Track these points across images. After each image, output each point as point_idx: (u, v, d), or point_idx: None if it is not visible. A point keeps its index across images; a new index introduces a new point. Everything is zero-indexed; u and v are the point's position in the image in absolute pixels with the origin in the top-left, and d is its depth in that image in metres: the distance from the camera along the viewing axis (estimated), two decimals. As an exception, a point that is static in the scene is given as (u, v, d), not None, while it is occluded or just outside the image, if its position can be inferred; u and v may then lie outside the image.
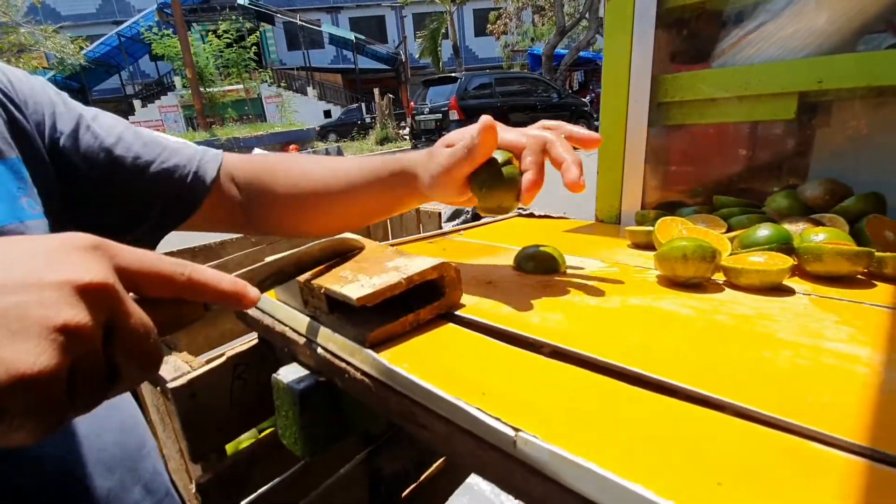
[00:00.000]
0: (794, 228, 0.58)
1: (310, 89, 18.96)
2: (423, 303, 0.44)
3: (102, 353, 0.23)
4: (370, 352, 0.38)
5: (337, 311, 0.43)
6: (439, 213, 1.22)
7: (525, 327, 0.41)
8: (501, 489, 0.28)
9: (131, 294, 0.25)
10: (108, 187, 0.51)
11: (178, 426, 0.54)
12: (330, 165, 0.62)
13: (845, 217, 0.60)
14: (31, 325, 0.20)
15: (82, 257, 0.23)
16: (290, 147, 10.19)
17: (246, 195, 0.62)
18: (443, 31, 16.51)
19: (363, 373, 0.38)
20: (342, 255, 0.47)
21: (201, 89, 11.00)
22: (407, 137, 11.01)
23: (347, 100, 19.93)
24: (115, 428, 0.48)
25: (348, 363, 0.39)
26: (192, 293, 0.28)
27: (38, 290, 0.21)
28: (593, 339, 0.38)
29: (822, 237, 0.53)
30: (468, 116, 8.71)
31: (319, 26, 19.77)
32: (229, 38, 11.62)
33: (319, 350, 0.43)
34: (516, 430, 0.27)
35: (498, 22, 16.00)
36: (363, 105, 17.66)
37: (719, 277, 0.53)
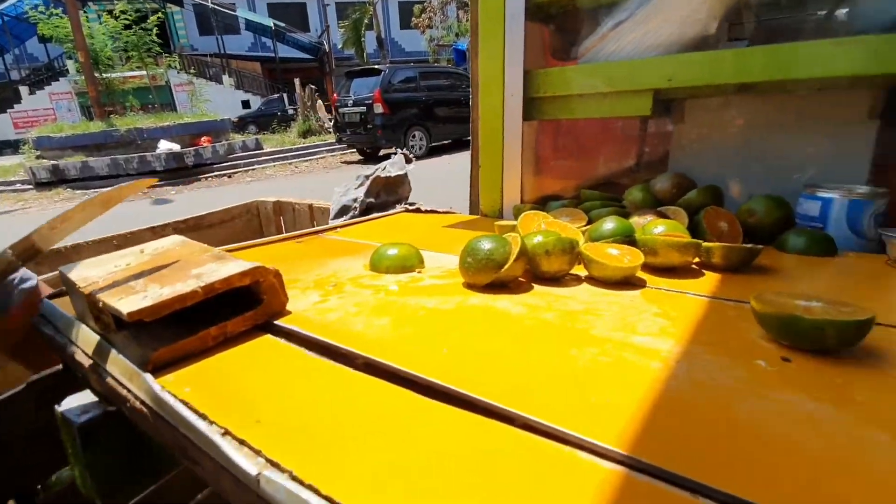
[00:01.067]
0: (642, 220, 0.60)
1: (225, 77, 17.74)
2: (236, 312, 0.39)
3: None
4: (147, 376, 0.32)
5: (127, 328, 0.37)
6: (329, 209, 1.16)
7: (344, 337, 0.37)
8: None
9: None
10: None
11: (-42, 471, 0.45)
12: None
13: (688, 209, 0.63)
14: None
15: None
16: (203, 139, 9.49)
17: None
18: (366, 21, 16.14)
19: (141, 401, 0.33)
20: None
21: (97, 75, 9.89)
22: (331, 130, 10.65)
23: (268, 90, 18.90)
24: None
25: (128, 390, 0.34)
26: None
27: None
28: (409, 347, 0.35)
29: (661, 229, 0.54)
30: (393, 110, 8.59)
31: (234, 10, 18.54)
32: (128, 19, 10.53)
33: (105, 374, 0.37)
34: (261, 467, 0.23)
35: (423, 15, 15.91)
36: (285, 96, 16.85)
37: (580, 270, 0.53)
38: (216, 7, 17.76)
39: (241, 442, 0.25)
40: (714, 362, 0.32)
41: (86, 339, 0.40)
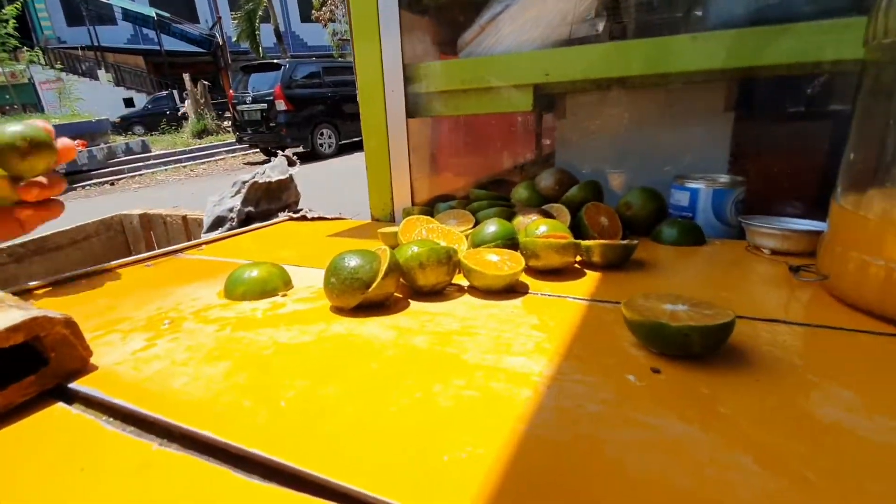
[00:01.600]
0: (526, 220, 0.58)
1: (102, 73, 15.82)
2: (11, 379, 0.30)
3: None
4: None
5: None
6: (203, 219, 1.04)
7: (164, 394, 0.30)
8: None
9: None
10: None
11: None
12: None
13: (570, 205, 0.62)
14: None
15: None
16: (78, 143, 8.37)
17: None
18: (260, 13, 15.21)
19: None
20: None
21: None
22: (230, 129, 9.92)
23: (154, 86, 17.17)
24: None
25: None
26: None
27: None
28: (245, 401, 0.29)
29: (543, 230, 0.52)
30: (298, 107, 8.19)
31: (106, -2, 16.54)
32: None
33: None
34: None
35: (323, 8, 15.33)
36: (174, 92, 15.40)
37: (462, 279, 0.49)
38: (83, -7, 15.77)
39: None
40: (584, 383, 0.29)
41: None
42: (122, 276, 0.57)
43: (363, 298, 0.41)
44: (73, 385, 0.32)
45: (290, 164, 0.98)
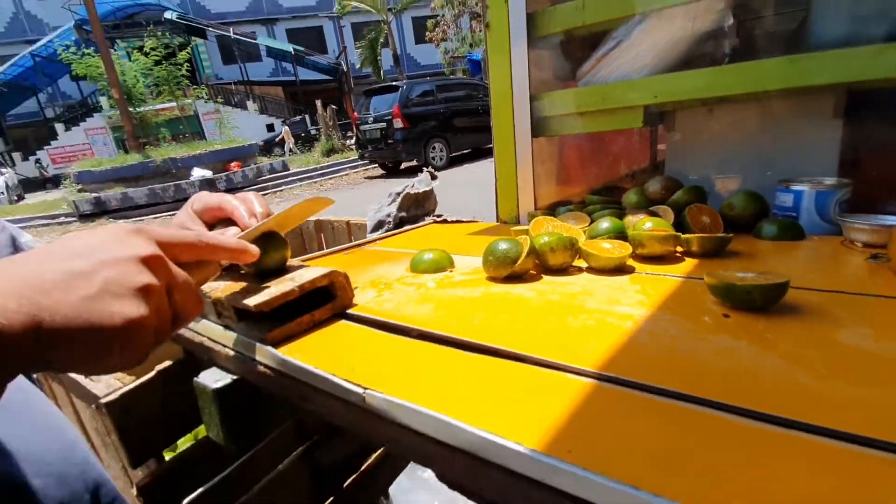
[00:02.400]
0: (635, 219, 0.72)
1: (250, 103, 18.48)
2: (318, 305, 0.53)
3: (168, 303, 0.33)
4: (269, 348, 0.46)
5: (245, 319, 0.51)
6: (366, 225, 1.31)
7: (400, 318, 0.51)
8: (361, 436, 0.38)
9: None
10: None
11: (116, 437, 0.61)
12: None
13: (675, 208, 0.74)
14: (125, 289, 0.30)
15: (135, 239, 0.32)
16: (232, 164, 9.93)
17: None
18: (381, 40, 16.58)
19: (265, 366, 0.47)
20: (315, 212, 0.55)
21: (131, 109, 10.48)
22: (353, 147, 10.96)
23: (290, 112, 19.56)
24: (57, 448, 0.53)
25: (254, 360, 0.48)
26: (210, 254, 0.38)
27: (118, 265, 0.30)
28: (449, 321, 0.48)
29: (649, 226, 0.66)
30: (413, 124, 8.81)
31: (255, 39, 19.31)
32: (158, 56, 11.16)
33: (231, 352, 0.51)
34: (364, 388, 0.37)
35: (436, 29, 16.23)
36: (307, 117, 17.40)
37: (582, 262, 0.65)
38: (238, 37, 18.51)
39: (345, 380, 0.38)
40: (672, 321, 0.44)
41: (211, 330, 0.55)
42: (334, 260, 0.83)
43: (510, 271, 0.59)
44: (350, 311, 0.54)
45: (433, 178, 1.21)
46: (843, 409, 0.29)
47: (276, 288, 0.50)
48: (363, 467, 1.00)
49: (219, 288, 0.53)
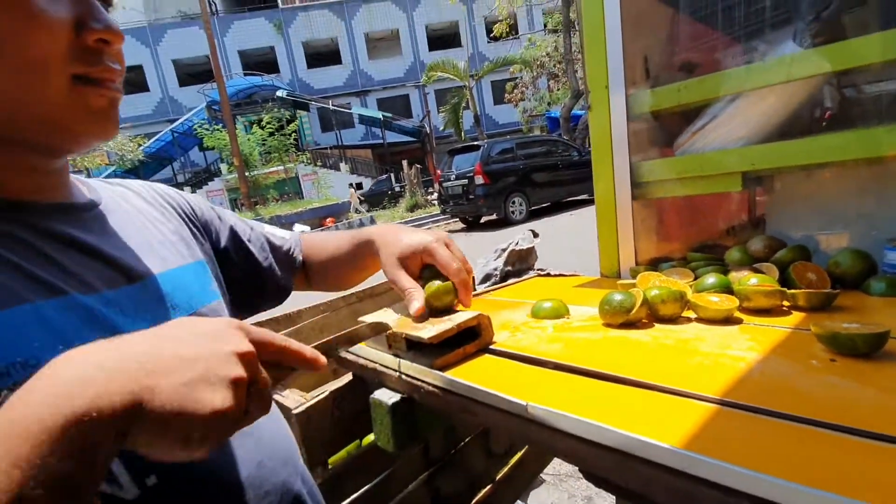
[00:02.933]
0: (738, 275, 0.79)
1: (342, 165, 20.33)
2: (468, 341, 0.66)
3: (245, 396, 0.34)
4: (438, 372, 0.60)
5: (412, 350, 0.66)
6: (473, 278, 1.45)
7: (536, 353, 0.62)
8: (520, 442, 0.49)
9: None
10: (246, 277, 0.76)
11: (299, 441, 0.77)
12: (333, 240, 0.85)
13: (779, 265, 0.79)
14: (219, 379, 0.32)
15: (235, 335, 0.35)
16: (327, 220, 10.88)
17: (307, 266, 0.86)
18: (463, 104, 17.68)
19: (434, 386, 0.60)
20: (378, 333, 0.68)
21: (247, 174, 12.01)
22: (435, 203, 11.53)
23: (377, 172, 21.16)
24: (283, 434, 0.68)
25: (423, 381, 0.62)
26: (287, 358, 0.40)
27: (218, 357, 0.33)
28: (580, 357, 0.59)
29: (755, 281, 0.73)
30: (493, 180, 9.16)
31: (350, 109, 21.50)
32: (271, 128, 12.84)
33: (402, 376, 0.65)
34: (526, 402, 0.48)
35: (515, 91, 17.05)
36: (392, 175, 18.70)
37: (690, 314, 0.73)
38: (336, 108, 20.65)
39: (510, 396, 0.50)
40: (782, 363, 0.51)
41: (383, 358, 0.70)
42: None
43: (625, 319, 0.69)
44: (492, 347, 0.67)
45: (535, 236, 1.34)
46: (940, 433, 0.36)
47: (438, 326, 0.64)
48: (476, 499, 1.08)
49: (389, 321, 0.69)
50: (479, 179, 9.19)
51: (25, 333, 0.38)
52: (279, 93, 19.76)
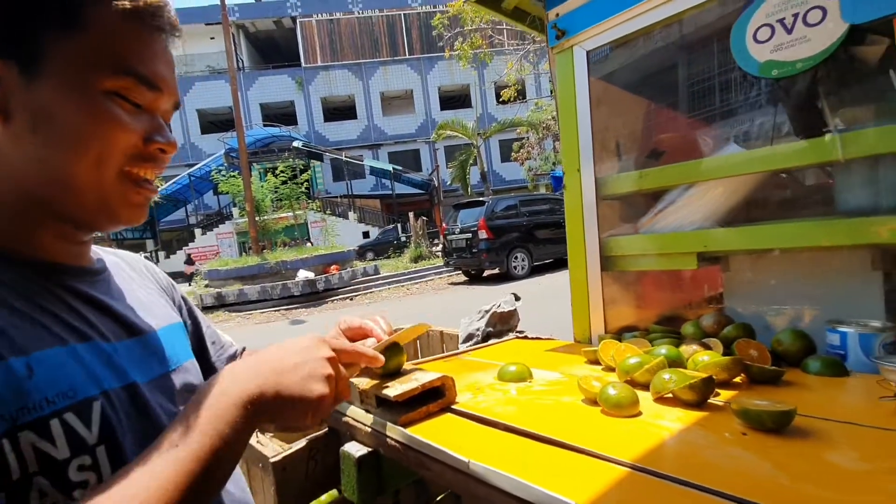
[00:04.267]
0: (690, 349, 0.85)
1: (351, 213, 20.80)
2: (433, 400, 0.73)
3: (335, 386, 0.51)
4: (401, 428, 0.66)
5: (381, 406, 0.73)
6: (457, 336, 1.52)
7: (492, 414, 0.69)
8: (465, 497, 0.55)
9: None
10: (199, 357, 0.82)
11: (273, 491, 0.82)
12: None
13: (725, 341, 0.87)
14: (320, 375, 0.49)
15: (322, 345, 0.52)
16: (332, 267, 11.00)
17: None
18: (471, 161, 18.32)
19: (396, 441, 0.67)
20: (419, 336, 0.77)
21: (257, 219, 12.31)
22: (439, 255, 11.69)
23: (384, 222, 21.59)
24: (241, 491, 0.74)
25: (387, 436, 0.68)
26: (358, 358, 0.59)
27: (317, 361, 0.50)
28: (529, 421, 0.66)
29: (706, 358, 0.80)
30: (496, 235, 9.35)
31: (362, 161, 22.29)
32: (285, 176, 13.31)
33: (371, 431, 0.71)
34: (468, 459, 0.55)
35: (521, 150, 17.70)
36: (398, 226, 19.06)
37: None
38: (348, 160, 21.40)
39: (455, 452, 0.57)
40: (700, 434, 0.58)
41: (355, 413, 0.76)
42: (439, 365, 1.03)
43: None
44: (454, 407, 0.73)
45: (517, 299, 1.42)
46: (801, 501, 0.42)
47: (405, 385, 0.71)
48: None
49: (362, 383, 0.76)
50: (483, 234, 9.38)
51: (67, 369, 0.47)
52: (295, 143, 20.59)
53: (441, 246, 10.99)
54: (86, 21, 0.46)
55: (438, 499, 1.08)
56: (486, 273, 10.26)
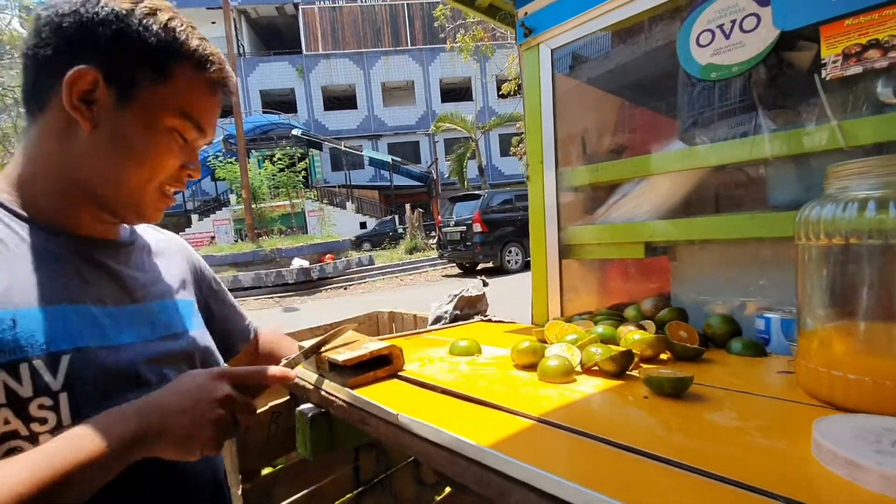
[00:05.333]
0: (626, 329, 0.92)
1: (349, 204, 20.81)
2: (379, 367, 0.80)
3: (232, 419, 0.57)
4: (349, 390, 0.73)
5: (334, 370, 0.79)
6: (426, 318, 1.59)
7: (433, 380, 0.76)
8: (392, 446, 0.62)
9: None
10: (213, 327, 0.89)
11: (234, 450, 0.88)
12: (280, 344, 0.97)
13: (660, 323, 0.93)
14: (207, 420, 0.54)
15: (218, 382, 0.57)
16: (327, 257, 11.06)
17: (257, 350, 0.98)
18: (468, 155, 18.34)
19: (343, 401, 0.73)
20: (338, 336, 0.84)
21: (253, 206, 12.33)
22: (434, 247, 11.75)
23: (382, 213, 21.61)
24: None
25: (336, 397, 0.75)
26: (263, 381, 0.64)
27: (206, 404, 0.54)
28: (464, 386, 0.73)
29: (637, 336, 0.86)
30: (491, 229, 9.41)
31: (361, 151, 22.26)
32: (282, 164, 13.32)
33: (322, 393, 0.78)
34: (398, 412, 0.62)
35: (520, 145, 17.71)
36: (396, 217, 19.10)
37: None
38: (347, 149, 21.36)
39: (387, 406, 0.64)
40: (609, 397, 0.65)
41: (310, 377, 0.83)
42: (400, 341, 1.10)
43: (530, 361, 0.83)
44: (400, 374, 0.80)
45: (484, 284, 1.49)
46: (671, 447, 0.49)
47: (355, 352, 0.78)
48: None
49: (321, 351, 0.83)
50: (478, 227, 9.44)
51: (47, 325, 0.55)
52: (294, 131, 20.54)
53: (436, 238, 11.05)
54: (171, 73, 0.59)
55: (398, 466, 1.15)
56: (479, 266, 10.34)
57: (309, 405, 0.81)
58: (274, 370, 0.64)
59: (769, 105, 0.89)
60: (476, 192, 10.40)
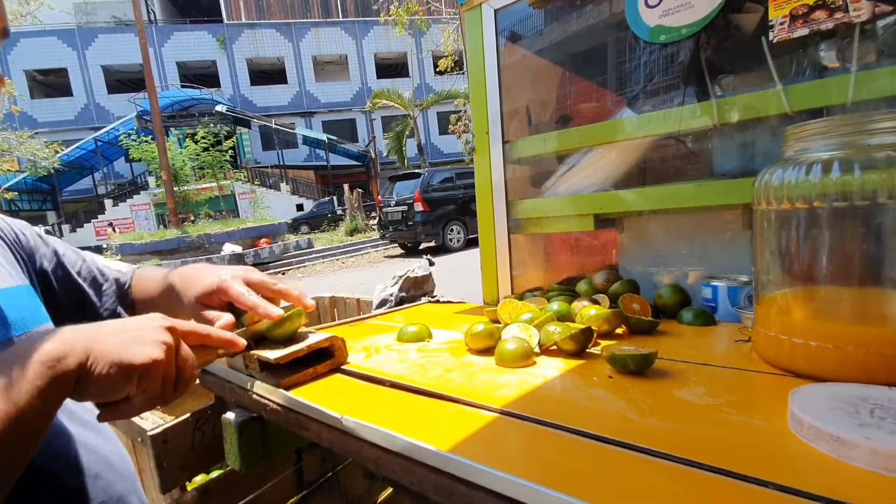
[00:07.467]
0: (581, 305, 0.89)
1: (283, 185, 19.85)
2: (319, 362, 0.71)
3: (174, 364, 0.47)
4: (282, 391, 0.64)
5: (266, 370, 0.69)
6: (370, 302, 1.50)
7: (381, 373, 0.68)
8: (337, 452, 0.54)
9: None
10: (70, 304, 0.74)
11: (153, 465, 0.76)
12: (152, 282, 0.79)
13: (613, 296, 0.91)
14: (149, 340, 0.45)
15: (164, 320, 0.49)
16: (262, 241, 10.51)
17: (136, 302, 0.81)
18: (407, 132, 18.00)
19: (277, 404, 0.64)
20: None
21: (175, 189, 11.41)
22: (375, 228, 11.51)
23: (319, 194, 20.84)
24: (122, 454, 0.66)
25: (269, 400, 0.65)
26: (207, 340, 0.54)
27: (151, 329, 0.46)
28: (413, 377, 0.65)
29: (593, 312, 0.83)
30: (432, 208, 9.33)
31: (293, 129, 21.18)
32: (206, 143, 12.36)
33: (253, 395, 0.68)
34: (342, 415, 0.54)
35: (458, 123, 17.61)
36: (335, 198, 18.49)
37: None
38: (279, 127, 20.25)
39: (329, 410, 0.55)
40: (573, 380, 0.60)
41: (238, 378, 0.72)
42: (342, 329, 1.01)
43: (486, 345, 0.77)
44: (344, 367, 0.72)
45: (431, 264, 1.41)
46: (647, 434, 0.45)
47: (289, 348, 0.68)
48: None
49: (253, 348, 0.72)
50: (419, 206, 9.32)
51: None
52: (218, 107, 19.11)
53: (377, 219, 10.82)
54: None
55: (345, 463, 1.07)
56: (422, 245, 10.27)
57: (239, 411, 0.71)
58: (221, 333, 0.55)
59: (716, 70, 0.87)
60: (416, 172, 10.24)
